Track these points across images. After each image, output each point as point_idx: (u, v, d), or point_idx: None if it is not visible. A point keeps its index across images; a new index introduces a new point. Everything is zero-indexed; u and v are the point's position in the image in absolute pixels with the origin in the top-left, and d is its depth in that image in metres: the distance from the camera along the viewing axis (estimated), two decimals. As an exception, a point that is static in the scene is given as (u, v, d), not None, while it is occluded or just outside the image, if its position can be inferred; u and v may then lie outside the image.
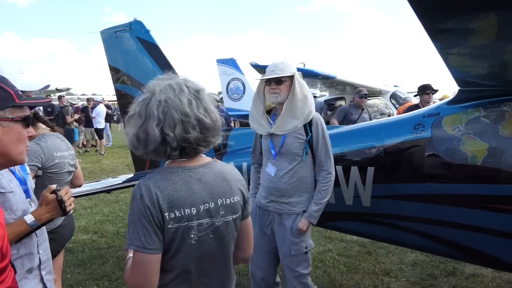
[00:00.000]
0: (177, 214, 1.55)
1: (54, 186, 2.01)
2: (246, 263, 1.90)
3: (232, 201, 1.70)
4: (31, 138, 1.69)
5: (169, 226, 1.54)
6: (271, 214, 3.29)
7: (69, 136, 12.58)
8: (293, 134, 3.16)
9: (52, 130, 3.20)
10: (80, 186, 3.65)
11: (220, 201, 1.65)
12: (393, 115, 10.70)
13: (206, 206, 1.61)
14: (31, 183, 2.16)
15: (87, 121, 16.12)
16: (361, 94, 7.78)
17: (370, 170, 3.39)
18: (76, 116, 14.91)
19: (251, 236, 1.89)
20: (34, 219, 1.87)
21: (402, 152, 3.35)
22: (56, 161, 3.07)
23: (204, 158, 1.71)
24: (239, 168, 4.17)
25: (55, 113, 14.15)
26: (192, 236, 1.59)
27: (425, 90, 6.76)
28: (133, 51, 5.67)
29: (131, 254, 1.67)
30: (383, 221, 3.43)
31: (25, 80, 2.03)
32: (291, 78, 3.14)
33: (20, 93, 1.58)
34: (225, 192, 1.68)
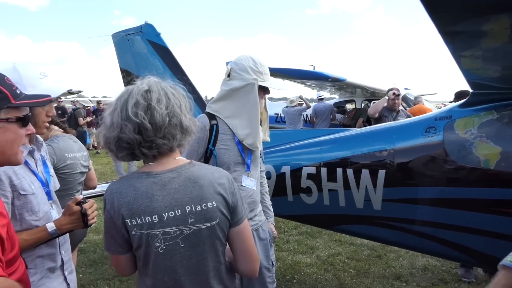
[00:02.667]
0: (138, 221, 1.53)
1: (80, 197, 2.00)
2: (251, 276, 1.76)
3: (204, 208, 1.56)
4: (30, 135, 1.67)
5: (133, 232, 1.54)
6: None
7: (81, 138, 12.72)
8: None
9: (65, 131, 3.24)
10: (94, 188, 3.68)
11: (188, 208, 1.55)
12: (409, 117, 10.60)
13: (172, 214, 1.53)
14: (56, 184, 2.19)
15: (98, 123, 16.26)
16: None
17: (381, 173, 3.37)
18: (88, 119, 15.07)
19: (249, 246, 1.71)
20: (55, 228, 1.89)
21: (413, 156, 3.33)
22: (68, 162, 3.10)
23: (176, 161, 1.63)
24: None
25: (67, 115, 14.31)
26: (158, 244, 1.54)
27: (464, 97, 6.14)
28: (144, 54, 5.72)
29: None
30: (394, 225, 3.40)
31: (48, 84, 2.01)
32: None
33: (18, 92, 1.55)
34: (194, 199, 1.56)
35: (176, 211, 1.54)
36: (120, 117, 1.53)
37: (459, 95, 6.44)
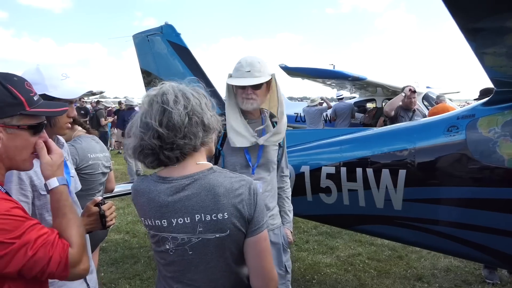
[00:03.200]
0: (149, 222, 1.59)
1: (99, 199, 2.00)
2: None
3: (215, 218, 1.51)
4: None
5: (147, 230, 1.63)
6: None
7: (104, 138, 12.92)
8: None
9: (88, 132, 3.29)
10: (112, 190, 3.72)
11: (198, 216, 1.51)
12: (425, 117, 10.43)
13: (181, 220, 1.52)
14: (77, 185, 2.22)
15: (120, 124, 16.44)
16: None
17: (402, 173, 3.33)
18: (110, 119, 15.31)
19: (261, 262, 1.59)
20: None
21: (435, 155, 3.27)
22: (90, 162, 3.15)
23: (197, 167, 1.59)
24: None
25: (89, 116, 14.55)
26: (168, 247, 1.56)
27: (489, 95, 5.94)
28: (164, 54, 5.77)
29: None
30: (415, 225, 3.36)
31: (70, 85, 2.03)
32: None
33: (35, 99, 1.52)
34: (206, 208, 1.51)
35: (185, 218, 1.52)
36: (138, 126, 1.55)
37: (484, 93, 6.28)
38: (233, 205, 1.52)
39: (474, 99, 8.06)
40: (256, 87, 2.66)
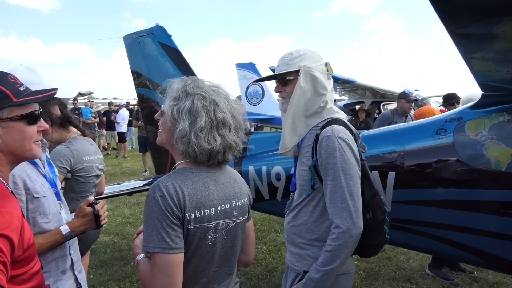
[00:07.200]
0: (197, 214, 1.53)
1: (92, 199, 2.03)
2: (247, 267, 1.88)
3: (243, 203, 1.73)
4: (42, 131, 1.60)
5: (189, 226, 1.52)
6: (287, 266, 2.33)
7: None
8: (301, 158, 2.20)
9: (83, 134, 3.27)
10: (101, 193, 3.70)
11: (234, 202, 1.68)
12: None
13: (223, 207, 1.62)
14: (59, 185, 2.21)
15: (109, 125, 16.38)
16: (410, 98, 6.55)
17: (391, 175, 3.36)
18: (96, 120, 15.30)
19: (253, 239, 1.91)
20: (69, 230, 1.91)
21: (423, 157, 3.31)
22: (84, 164, 3.13)
23: None
24: (259, 172, 4.18)
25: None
26: (209, 237, 1.58)
27: (450, 101, 6.18)
28: (155, 56, 5.76)
29: (140, 256, 1.62)
30: (403, 227, 3.39)
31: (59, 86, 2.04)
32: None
33: (21, 90, 1.50)
34: (237, 194, 1.71)
35: (226, 204, 1.64)
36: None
37: (446, 99, 6.38)
38: (246, 191, 1.78)
39: (440, 105, 8.16)
40: (283, 83, 2.24)
